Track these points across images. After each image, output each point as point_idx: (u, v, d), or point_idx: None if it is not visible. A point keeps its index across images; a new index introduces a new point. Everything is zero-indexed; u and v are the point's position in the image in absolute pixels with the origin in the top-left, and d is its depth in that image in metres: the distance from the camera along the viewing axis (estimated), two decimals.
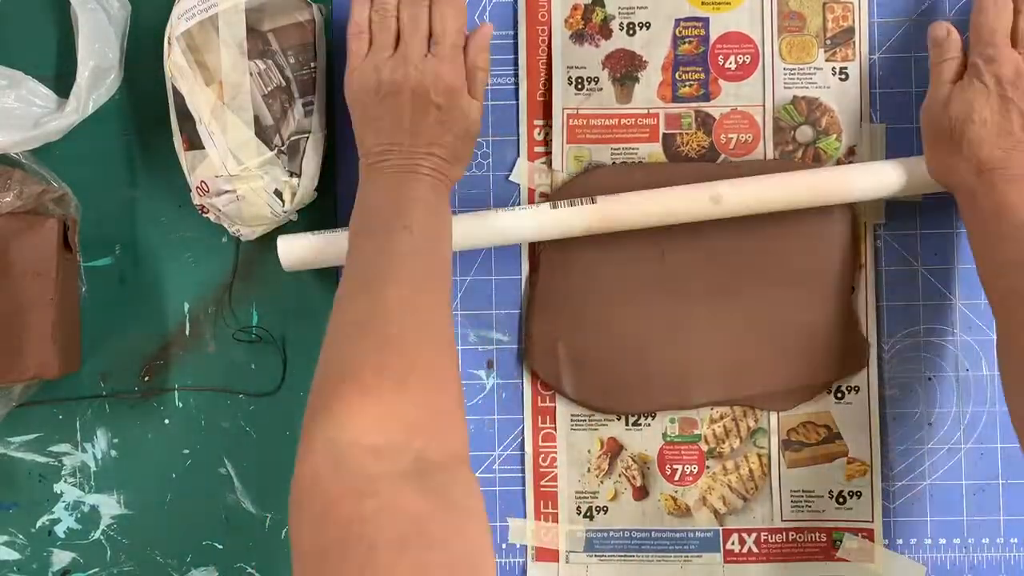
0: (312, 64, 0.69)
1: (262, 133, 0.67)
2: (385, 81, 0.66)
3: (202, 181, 0.68)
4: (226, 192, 0.68)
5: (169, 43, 0.68)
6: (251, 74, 0.67)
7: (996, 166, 0.64)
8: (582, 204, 0.69)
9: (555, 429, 0.74)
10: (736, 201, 0.69)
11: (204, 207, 0.70)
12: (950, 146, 0.66)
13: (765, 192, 0.69)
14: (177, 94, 0.68)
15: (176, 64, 0.67)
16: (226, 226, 0.71)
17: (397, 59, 0.66)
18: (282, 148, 0.68)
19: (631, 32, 0.74)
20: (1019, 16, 0.67)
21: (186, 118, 0.68)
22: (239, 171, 0.67)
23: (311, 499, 0.50)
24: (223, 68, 0.67)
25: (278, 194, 0.68)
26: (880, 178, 0.69)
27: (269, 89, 0.67)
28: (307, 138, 0.69)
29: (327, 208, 0.74)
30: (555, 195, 0.74)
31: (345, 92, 0.68)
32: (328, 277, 0.75)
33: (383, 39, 0.67)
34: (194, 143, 0.68)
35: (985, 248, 0.65)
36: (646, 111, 0.74)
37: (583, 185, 0.73)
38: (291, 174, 0.69)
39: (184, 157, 0.69)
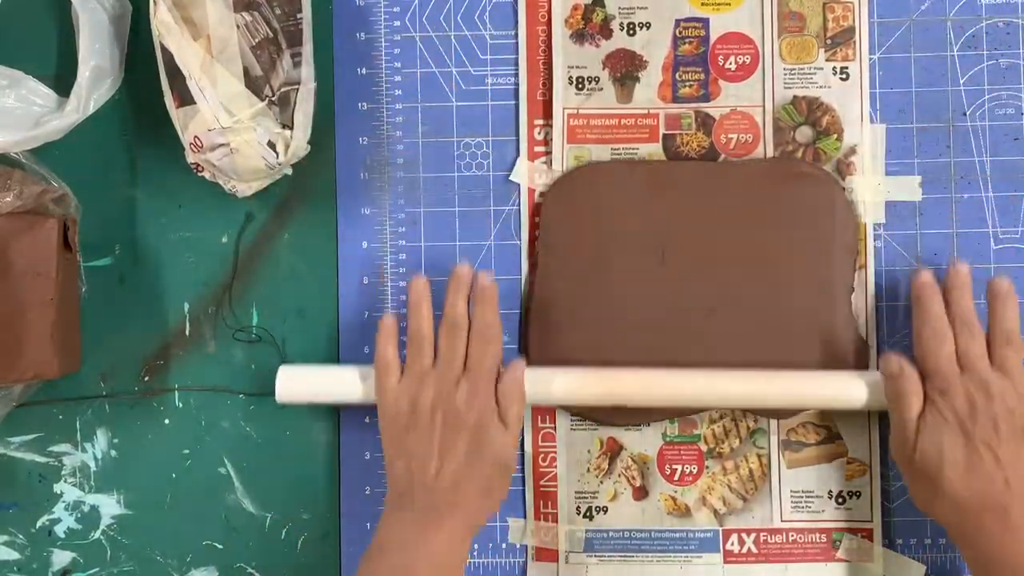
0: (298, 15, 0.69)
1: (252, 84, 0.67)
2: (418, 406, 0.67)
3: (195, 137, 0.68)
4: (220, 146, 0.67)
5: (154, 2, 0.68)
6: (238, 26, 0.67)
7: (979, 507, 0.63)
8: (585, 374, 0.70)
9: (555, 429, 0.74)
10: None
11: (199, 165, 0.70)
12: (928, 485, 0.65)
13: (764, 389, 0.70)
14: (165, 52, 0.68)
15: (163, 22, 0.67)
16: (222, 183, 0.71)
17: (430, 384, 0.67)
18: (273, 99, 0.68)
19: (631, 32, 0.74)
20: (958, 337, 0.66)
21: (175, 75, 0.68)
22: (231, 123, 0.66)
23: None
24: (210, 22, 0.66)
25: (271, 146, 0.68)
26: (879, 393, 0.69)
27: (256, 40, 0.67)
28: (297, 89, 0.69)
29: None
30: (552, 189, 0.74)
31: (380, 427, 0.69)
32: (328, 277, 0.75)
33: (417, 369, 0.68)
34: (185, 99, 0.68)
35: None
36: (646, 111, 0.74)
37: (582, 179, 0.73)
38: (283, 126, 0.68)
39: (176, 114, 0.69)
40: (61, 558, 0.75)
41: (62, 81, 0.74)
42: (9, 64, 0.74)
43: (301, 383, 0.71)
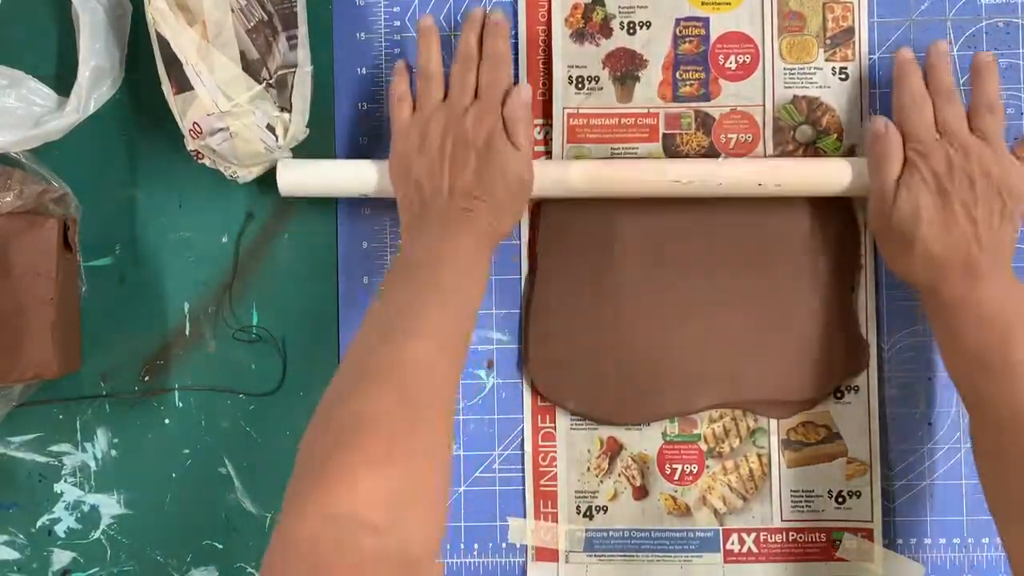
0: None
1: (249, 68, 0.67)
2: (428, 135, 0.68)
3: (195, 123, 0.68)
4: (219, 130, 0.67)
5: None
6: (232, 10, 0.67)
7: (951, 262, 0.65)
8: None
9: (555, 428, 0.74)
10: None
11: (199, 152, 0.70)
12: (903, 246, 0.66)
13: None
14: (161, 39, 0.68)
15: (158, 9, 0.67)
16: (222, 170, 0.71)
17: (440, 114, 0.68)
18: (270, 82, 0.68)
19: (631, 31, 0.74)
20: (938, 108, 0.67)
21: (172, 62, 0.68)
22: (230, 107, 0.67)
23: (304, 563, 0.50)
24: (204, 7, 0.67)
25: (271, 129, 0.68)
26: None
27: (252, 24, 0.67)
28: (294, 72, 0.69)
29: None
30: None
31: (390, 159, 0.69)
32: (328, 277, 0.75)
33: (428, 101, 0.69)
34: (183, 86, 0.68)
35: (948, 344, 0.66)
36: (646, 111, 0.74)
37: None
38: (282, 109, 0.69)
39: (174, 102, 0.69)
40: (61, 558, 0.75)
41: (62, 81, 0.74)
42: (9, 64, 0.74)
43: (300, 174, 0.71)
